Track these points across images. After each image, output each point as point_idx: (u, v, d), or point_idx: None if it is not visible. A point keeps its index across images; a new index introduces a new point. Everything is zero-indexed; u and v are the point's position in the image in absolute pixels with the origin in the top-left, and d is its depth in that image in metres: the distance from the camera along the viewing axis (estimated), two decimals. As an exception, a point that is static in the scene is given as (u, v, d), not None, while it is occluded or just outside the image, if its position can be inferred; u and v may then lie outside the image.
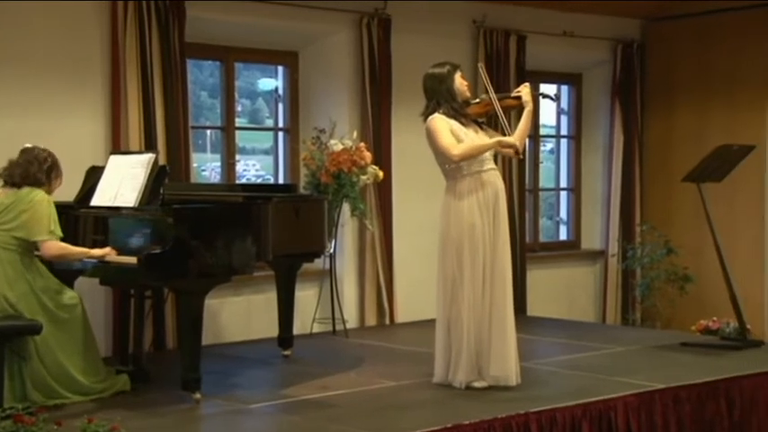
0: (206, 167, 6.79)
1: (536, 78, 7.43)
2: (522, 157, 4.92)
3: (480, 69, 4.93)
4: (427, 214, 6.12)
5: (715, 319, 7.00)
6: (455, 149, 4.65)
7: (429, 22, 6.94)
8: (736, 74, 7.59)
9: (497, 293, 4.68)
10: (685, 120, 7.91)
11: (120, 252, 4.48)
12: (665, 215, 7.91)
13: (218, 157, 6.56)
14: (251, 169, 7.06)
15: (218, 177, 6.57)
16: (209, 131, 6.75)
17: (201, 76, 6.84)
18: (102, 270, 4.65)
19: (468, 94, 4.87)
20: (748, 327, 6.12)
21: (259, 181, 7.01)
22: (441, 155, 4.72)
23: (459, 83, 4.82)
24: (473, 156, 4.68)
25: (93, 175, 4.96)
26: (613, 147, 8.01)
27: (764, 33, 7.43)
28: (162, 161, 5.20)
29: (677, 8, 7.67)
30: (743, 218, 7.52)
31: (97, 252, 4.51)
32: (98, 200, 4.80)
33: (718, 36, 7.68)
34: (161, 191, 4.64)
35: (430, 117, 4.76)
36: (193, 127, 6.13)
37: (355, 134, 6.27)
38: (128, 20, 5.62)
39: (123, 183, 4.72)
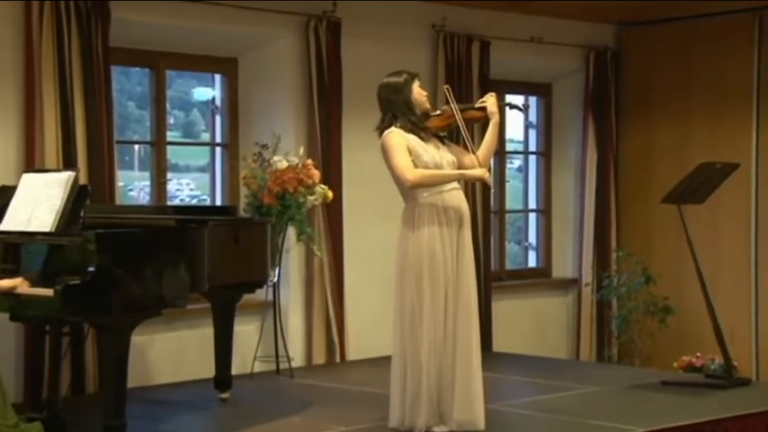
0: (133, 187, 6.75)
1: (501, 88, 7.46)
2: (491, 187, 4.94)
3: (446, 93, 4.93)
4: (382, 239, 6.12)
5: (699, 354, 7.06)
6: (410, 174, 4.65)
7: (383, 25, 6.97)
8: (720, 84, 7.71)
9: (461, 328, 4.68)
10: (664, 134, 8.01)
11: (34, 283, 4.42)
12: (644, 240, 7.98)
13: (147, 175, 6.53)
14: (184, 189, 7.03)
15: (147, 198, 6.54)
16: (136, 146, 6.72)
17: (128, 85, 6.81)
18: (13, 304, 4.56)
19: (427, 105, 4.88)
20: (735, 363, 6.18)
21: (193, 202, 6.99)
22: (395, 176, 4.72)
23: (418, 93, 4.83)
24: (429, 185, 4.69)
25: (3, 195, 4.89)
26: (586, 164, 8.09)
27: (751, 40, 7.57)
28: (83, 180, 5.16)
29: (655, 12, 7.78)
30: (728, 243, 7.61)
31: (7, 283, 4.43)
32: (9, 224, 4.72)
33: (701, 43, 7.81)
34: (81, 214, 4.59)
35: (385, 132, 4.76)
36: (119, 141, 6.09)
37: (302, 150, 6.27)
38: (44, 22, 5.56)
39: (38, 204, 4.66)
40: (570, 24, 7.92)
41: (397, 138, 4.71)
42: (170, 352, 6.15)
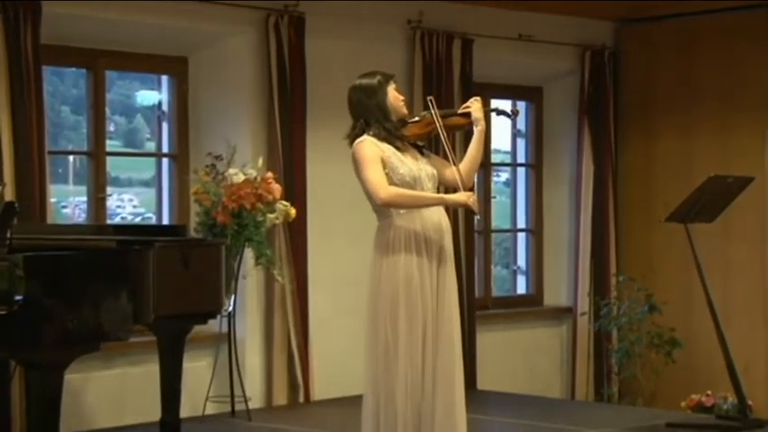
0: (68, 203, 6.73)
1: (486, 92, 7.48)
2: (478, 213, 4.94)
3: (430, 104, 4.93)
4: (353, 263, 6.10)
5: (709, 393, 7.09)
6: (383, 191, 4.64)
7: (353, 21, 6.98)
8: (730, 88, 7.78)
9: (442, 364, 4.66)
10: (668, 144, 8.06)
11: (-47, 314, 4.36)
12: (646, 263, 8.02)
13: (83, 189, 6.50)
14: (126, 206, 7.01)
15: (84, 216, 6.51)
16: (71, 157, 6.69)
17: (63, 87, 6.78)
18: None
19: (404, 111, 4.88)
20: (749, 402, 6.20)
21: (137, 221, 6.97)
22: (366, 192, 4.72)
23: (394, 97, 4.83)
24: (404, 206, 4.68)
25: None
26: (582, 177, 8.12)
27: (763, 39, 7.64)
28: (9, 196, 5.13)
29: (657, 7, 7.83)
30: (741, 266, 7.65)
31: None
32: (-76, 246, 4.66)
33: (708, 42, 7.87)
34: (8, 234, 4.54)
35: (356, 141, 4.76)
36: (51, 152, 6.07)
37: (260, 162, 6.26)
38: (-35, 15, 5.54)
39: (-42, 224, 4.61)
40: (563, 21, 7.96)
41: (370, 148, 4.71)
42: (109, 392, 6.11)
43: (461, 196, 4.74)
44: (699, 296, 6.28)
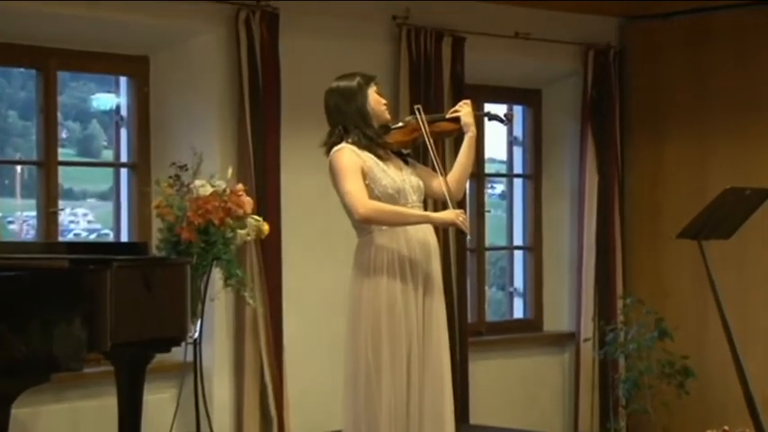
0: (14, 218, 6.70)
1: (478, 95, 7.50)
2: (468, 233, 4.94)
3: (417, 113, 4.93)
4: (332, 283, 6.09)
5: (726, 428, 7.06)
6: (361, 206, 4.65)
7: (332, 18, 6.98)
8: (748, 90, 7.78)
9: (431, 396, 4.67)
10: (680, 153, 8.07)
11: None
12: (656, 284, 8.01)
13: (33, 203, 6.48)
14: (81, 221, 7.00)
15: (33, 233, 6.49)
16: (19, 167, 6.69)
17: (9, 90, 6.77)
18: None
19: (387, 115, 4.88)
20: (771, 437, 6.19)
21: (92, 238, 6.95)
22: (344, 205, 4.72)
23: (375, 101, 4.84)
24: (386, 224, 4.69)
25: None
26: (585, 189, 8.12)
27: (784, 37, 7.68)
28: (-50, 210, 5.08)
29: (667, 3, 7.85)
30: (760, 287, 7.66)
31: None
32: None
33: (723, 39, 7.88)
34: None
35: (334, 149, 4.76)
36: (-3, 161, 6.05)
37: (230, 172, 6.24)
38: None
39: None
40: (564, 17, 7.97)
41: (349, 157, 4.71)
42: (61, 428, 6.08)
43: (449, 214, 4.74)
44: (714, 321, 6.27)
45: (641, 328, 7.71)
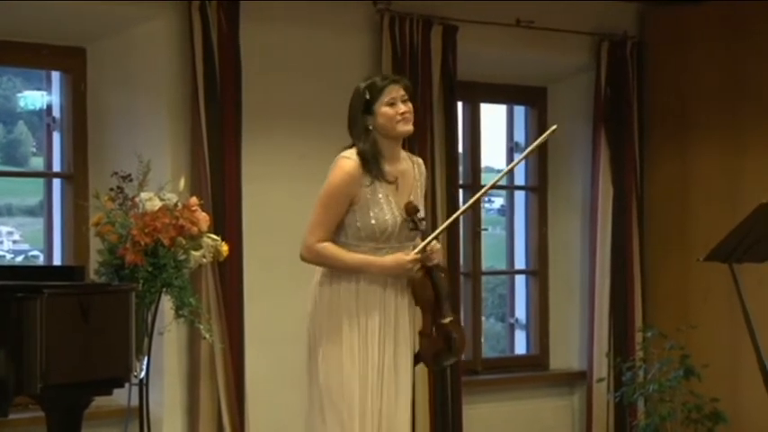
0: (-70, 238, 6.68)
1: (473, 94, 7.51)
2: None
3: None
4: (301, 313, 6.06)
5: (762, 481, 7.10)
6: (309, 239, 4.95)
7: (303, 4, 6.96)
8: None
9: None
10: (709, 162, 8.09)
11: None
12: (681, 315, 8.02)
13: (-51, 220, 6.49)
14: (5, 241, 7.02)
15: (-48, 255, 6.47)
16: (-64, 178, 6.69)
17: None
18: None
19: (402, 129, 5.03)
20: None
21: (19, 260, 6.94)
22: None
23: (384, 115, 4.95)
24: (329, 267, 4.97)
25: None
26: (597, 204, 8.14)
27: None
28: None
29: (693, -14, 7.92)
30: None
31: None
32: None
33: (759, 29, 7.89)
34: None
35: (341, 155, 4.95)
36: None
37: (182, 183, 6.23)
38: None
39: None
40: (573, 3, 7.99)
41: (343, 179, 4.88)
42: (-17, 484, 6.04)
43: (394, 264, 4.96)
44: (749, 357, 6.26)
45: (664, 365, 7.72)
